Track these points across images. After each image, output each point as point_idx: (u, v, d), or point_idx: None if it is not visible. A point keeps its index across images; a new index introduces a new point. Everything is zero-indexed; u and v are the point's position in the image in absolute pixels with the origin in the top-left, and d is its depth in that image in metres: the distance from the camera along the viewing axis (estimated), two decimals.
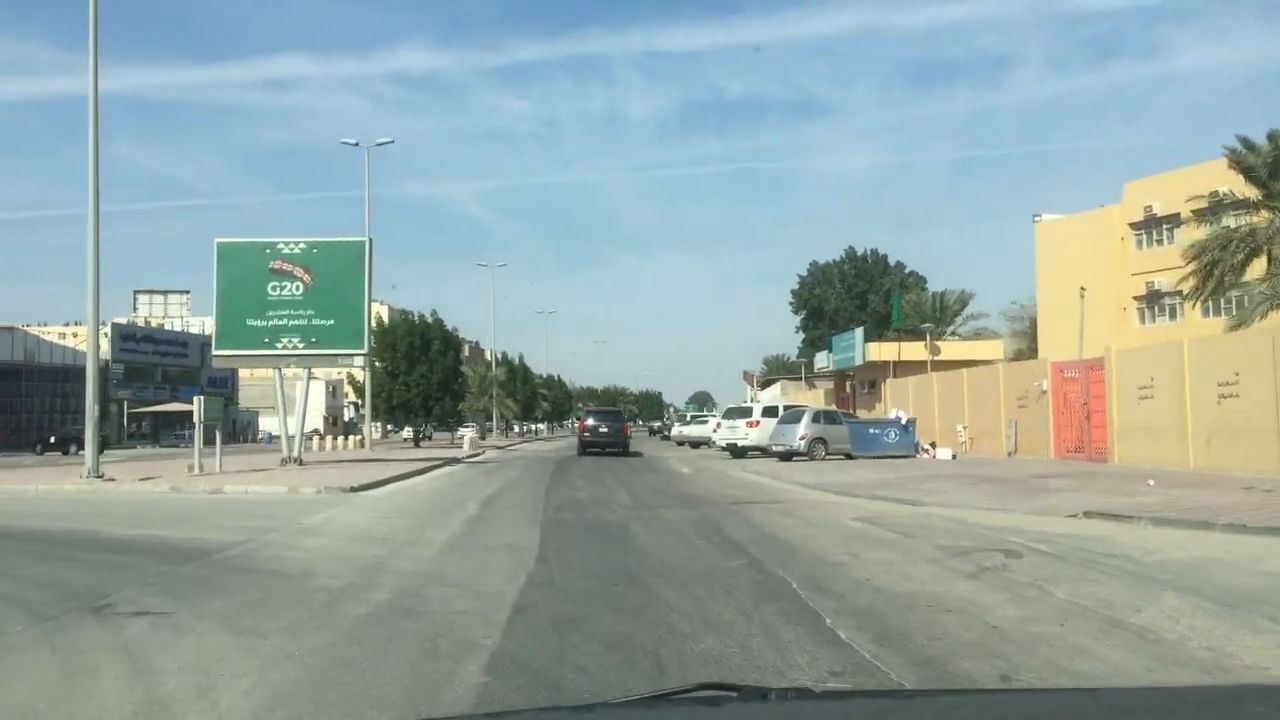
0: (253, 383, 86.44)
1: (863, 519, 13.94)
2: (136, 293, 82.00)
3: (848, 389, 53.52)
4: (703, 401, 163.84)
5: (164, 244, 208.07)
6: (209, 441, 25.93)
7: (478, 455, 41.82)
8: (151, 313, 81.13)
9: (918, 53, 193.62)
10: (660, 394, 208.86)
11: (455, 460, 34.79)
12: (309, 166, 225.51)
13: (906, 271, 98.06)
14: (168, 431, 72.89)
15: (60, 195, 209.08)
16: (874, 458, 30.15)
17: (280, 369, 30.01)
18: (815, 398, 54.81)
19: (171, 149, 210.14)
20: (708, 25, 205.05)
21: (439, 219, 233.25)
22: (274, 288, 29.40)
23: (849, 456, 31.23)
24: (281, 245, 29.82)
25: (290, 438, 30.07)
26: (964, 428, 33.08)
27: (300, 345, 29.27)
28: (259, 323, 29.32)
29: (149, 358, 72.65)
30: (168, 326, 79.74)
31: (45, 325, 76.00)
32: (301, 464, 29.29)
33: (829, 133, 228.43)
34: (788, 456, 31.69)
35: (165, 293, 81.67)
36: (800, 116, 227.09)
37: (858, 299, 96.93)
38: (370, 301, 29.95)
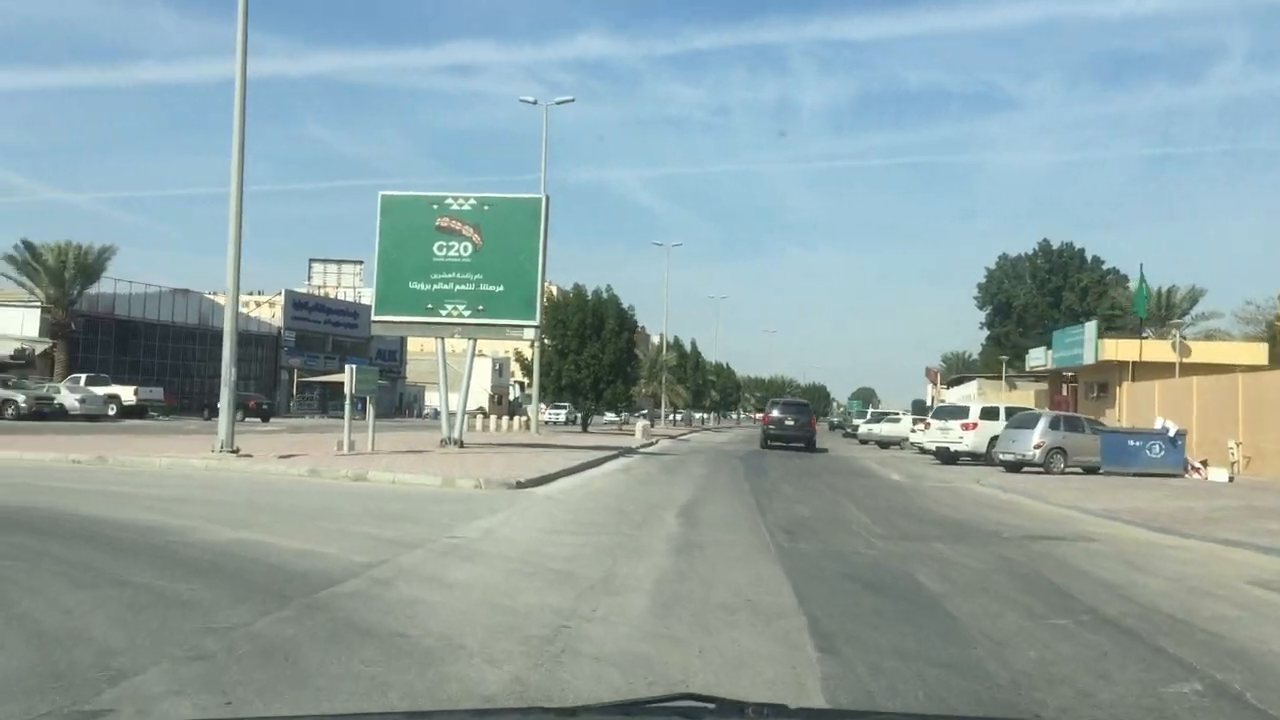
0: (421, 356, 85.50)
1: (1267, 584, 9.40)
2: (312, 261, 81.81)
3: (1065, 391, 47.64)
4: (866, 398, 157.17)
5: (342, 220, 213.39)
6: (364, 416, 22.96)
7: (651, 445, 38.21)
8: (325, 281, 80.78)
9: (1110, 45, 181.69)
10: (825, 388, 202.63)
11: (629, 450, 31.21)
12: (486, 150, 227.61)
13: (1105, 267, 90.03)
14: (335, 402, 72.35)
15: (249, 172, 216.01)
16: (1131, 475, 25.03)
17: (443, 339, 26.95)
18: (1022, 398, 49.13)
19: (358, 131, 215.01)
20: (887, 14, 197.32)
21: (605, 204, 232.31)
22: (440, 247, 26.22)
23: (1091, 471, 26.20)
24: (450, 200, 26.64)
25: (451, 415, 26.95)
26: (1237, 444, 27.49)
27: (466, 313, 26.01)
28: (422, 286, 26.20)
29: (320, 326, 72.02)
30: (340, 296, 79.26)
31: (222, 295, 76.39)
32: (462, 446, 26.13)
33: (1010, 126, 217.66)
34: (1017, 467, 26.94)
35: (339, 262, 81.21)
36: (980, 109, 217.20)
37: (1050, 295, 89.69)
38: (545, 267, 26.47)
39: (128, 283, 56.68)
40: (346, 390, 21.51)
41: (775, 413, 41.73)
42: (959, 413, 33.20)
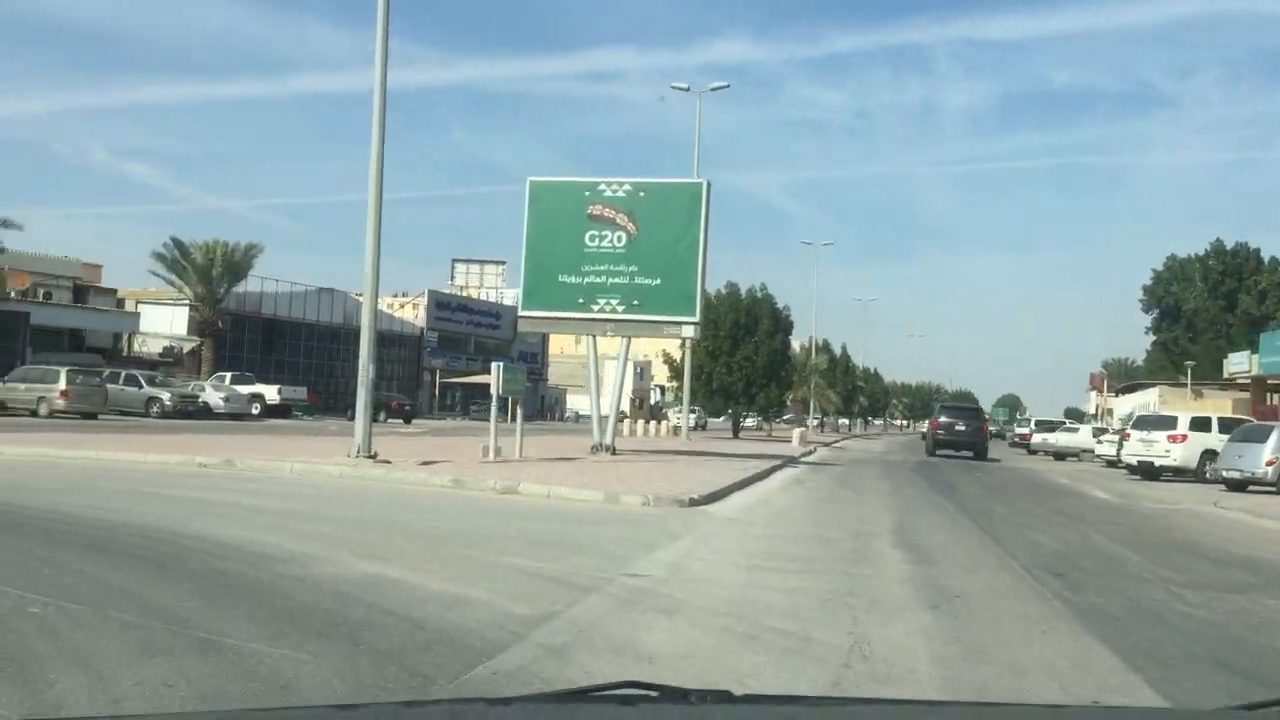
0: (561, 359, 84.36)
1: None
2: (455, 261, 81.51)
3: (1270, 401, 43.01)
4: (1011, 405, 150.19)
5: (482, 225, 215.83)
6: (510, 418, 21.04)
7: (810, 453, 35.51)
8: (468, 281, 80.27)
9: (1275, 40, 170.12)
10: (973, 394, 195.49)
11: (791, 459, 28.61)
12: (625, 155, 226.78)
13: None
14: (476, 404, 71.60)
15: (394, 179, 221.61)
16: None
17: (595, 336, 24.90)
18: (1217, 407, 44.58)
19: (498, 136, 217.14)
20: (1035, 13, 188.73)
21: (743, 208, 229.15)
22: (592, 237, 24.14)
23: None
24: (603, 186, 24.53)
25: (602, 419, 24.84)
26: None
27: (620, 309, 23.86)
28: (572, 279, 24.15)
29: (462, 327, 71.35)
30: (482, 297, 78.64)
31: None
32: (614, 453, 23.99)
33: (1166, 125, 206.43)
34: (1242, 485, 23.41)
35: (481, 262, 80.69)
36: (1133, 108, 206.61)
37: (1224, 298, 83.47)
38: (706, 259, 24.14)
39: (274, 281, 56.72)
40: (493, 391, 19.55)
41: (945, 418, 39.49)
42: (1165, 423, 29.52)
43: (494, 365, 19.88)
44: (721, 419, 61.51)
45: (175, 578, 7.12)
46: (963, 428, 38.70)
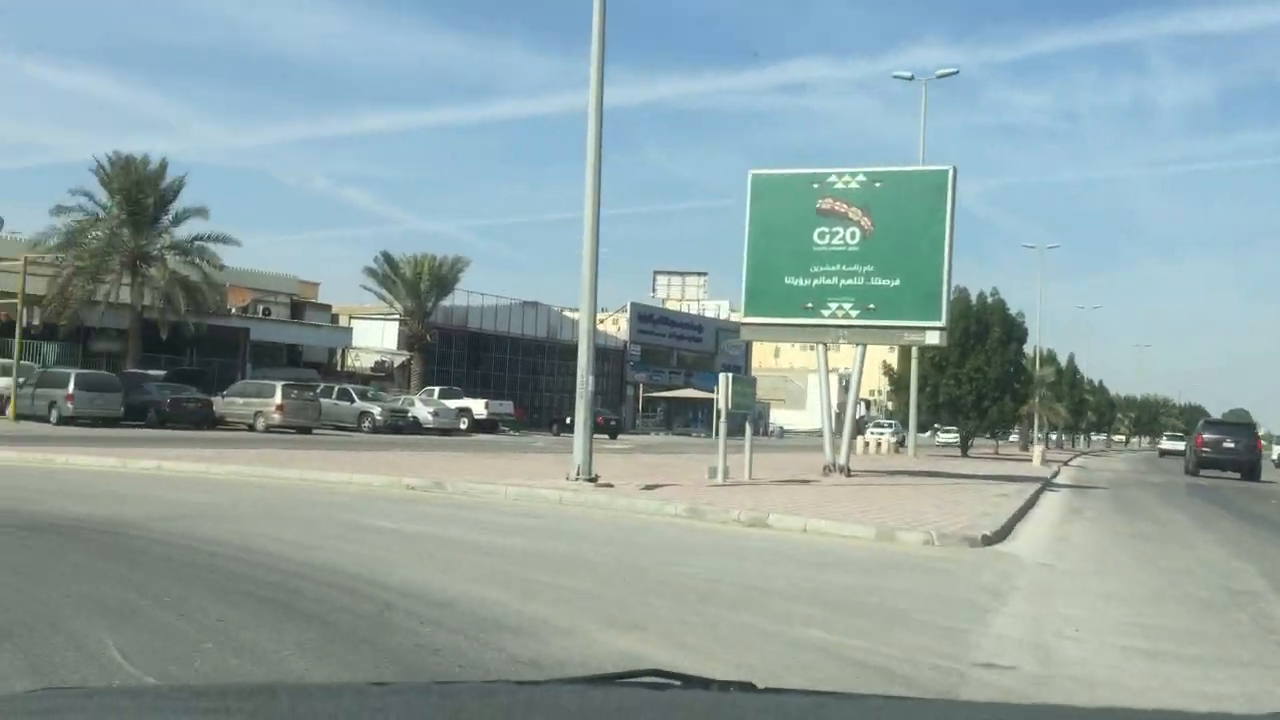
0: (761, 372, 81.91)
1: None
2: (656, 273, 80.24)
3: None
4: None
5: (679, 243, 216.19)
6: (729, 435, 18.84)
7: (1055, 473, 31.92)
8: (669, 294, 78.82)
9: None
10: (1203, 408, 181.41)
11: (1045, 482, 25.35)
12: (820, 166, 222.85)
13: None
14: (679, 418, 69.96)
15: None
16: None
17: (825, 345, 22.48)
18: None
19: (693, 152, 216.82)
20: (1257, 3, 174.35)
21: None
22: (821, 234, 21.70)
23: None
24: (833, 177, 22.06)
25: (834, 437, 22.38)
26: None
27: (853, 313, 21.32)
28: (800, 281, 21.76)
29: (664, 340, 69.96)
30: (683, 309, 77.05)
31: (569, 310, 76.12)
32: (849, 474, 21.51)
33: None
34: None
35: (683, 274, 79.17)
36: None
37: None
38: (952, 256, 21.34)
39: (479, 295, 56.62)
40: (720, 405, 17.43)
41: (1211, 434, 35.80)
42: None
43: (721, 376, 17.81)
44: (927, 434, 57.99)
45: (373, 657, 5.22)
46: (1231, 445, 34.68)
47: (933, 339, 22.45)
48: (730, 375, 17.79)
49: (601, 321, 72.04)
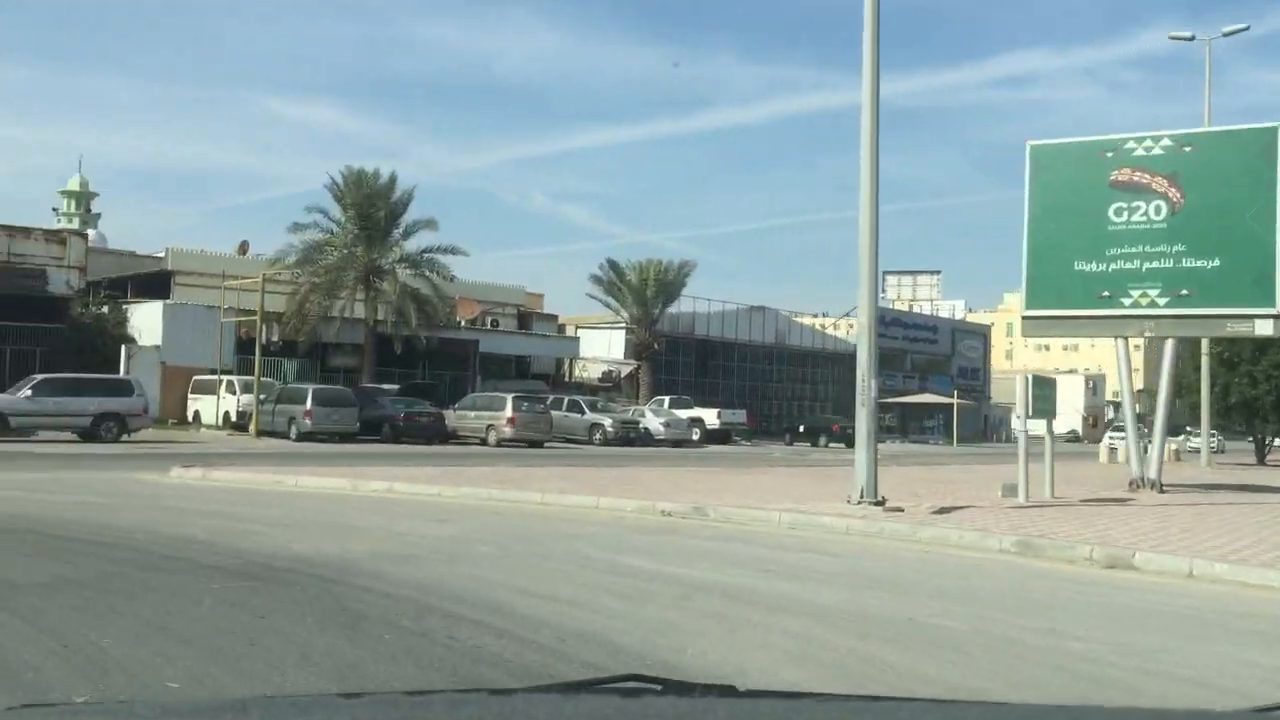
0: (999, 375, 76.95)
1: None
2: (885, 273, 76.51)
3: None
4: None
5: (907, 243, 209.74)
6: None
7: None
8: (900, 295, 75.10)
9: None
10: None
11: None
12: None
13: None
14: (914, 424, 66.33)
15: (803, 200, 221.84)
16: None
17: (1126, 338, 19.34)
18: None
19: (908, 152, 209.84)
20: None
21: None
22: (1118, 210, 18.57)
23: None
24: (1131, 143, 18.88)
25: (1141, 446, 19.14)
26: None
27: (1161, 301, 18.10)
28: (1093, 266, 18.67)
29: (897, 343, 66.41)
30: (915, 310, 73.15)
31: (797, 314, 73.53)
32: (1162, 490, 18.28)
33: None
34: None
35: (914, 273, 75.31)
36: None
37: None
38: None
39: (705, 300, 54.94)
40: (1020, 411, 14.72)
41: None
42: None
43: (1019, 377, 15.13)
44: (1180, 437, 51.97)
45: None
46: None
47: (1264, 329, 18.74)
48: (1030, 376, 15.06)
49: (834, 326, 69.14)
